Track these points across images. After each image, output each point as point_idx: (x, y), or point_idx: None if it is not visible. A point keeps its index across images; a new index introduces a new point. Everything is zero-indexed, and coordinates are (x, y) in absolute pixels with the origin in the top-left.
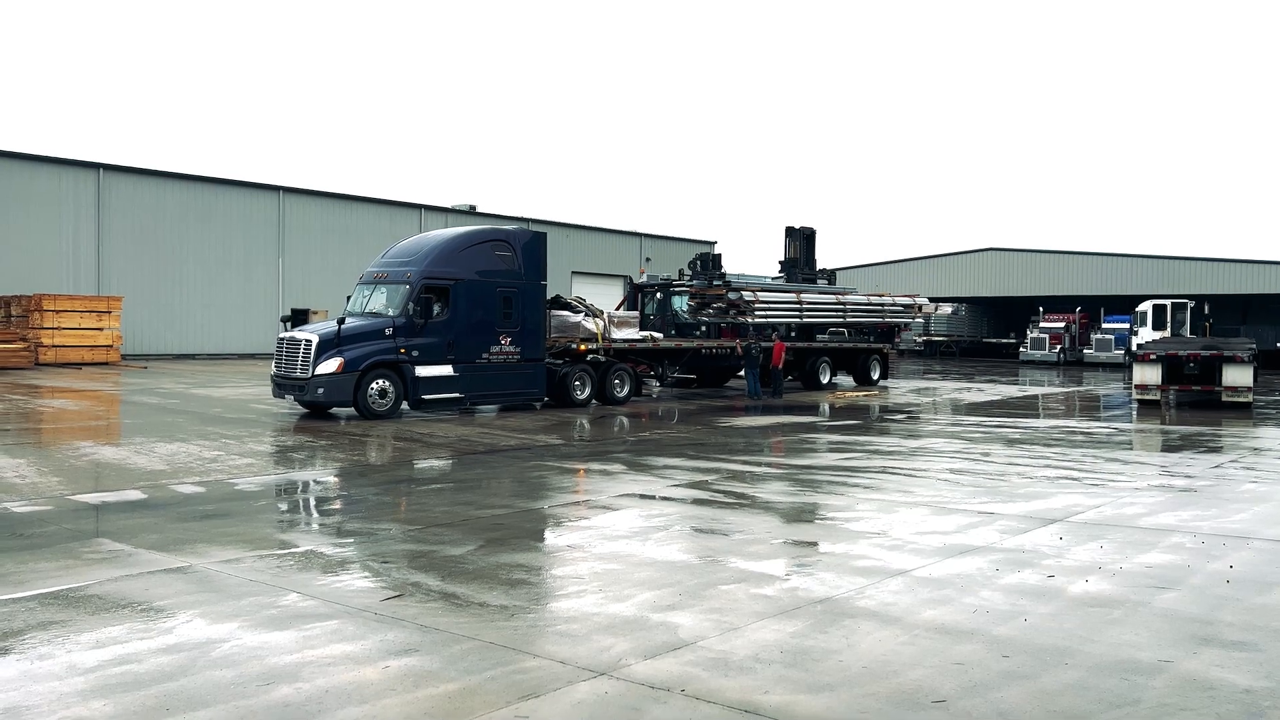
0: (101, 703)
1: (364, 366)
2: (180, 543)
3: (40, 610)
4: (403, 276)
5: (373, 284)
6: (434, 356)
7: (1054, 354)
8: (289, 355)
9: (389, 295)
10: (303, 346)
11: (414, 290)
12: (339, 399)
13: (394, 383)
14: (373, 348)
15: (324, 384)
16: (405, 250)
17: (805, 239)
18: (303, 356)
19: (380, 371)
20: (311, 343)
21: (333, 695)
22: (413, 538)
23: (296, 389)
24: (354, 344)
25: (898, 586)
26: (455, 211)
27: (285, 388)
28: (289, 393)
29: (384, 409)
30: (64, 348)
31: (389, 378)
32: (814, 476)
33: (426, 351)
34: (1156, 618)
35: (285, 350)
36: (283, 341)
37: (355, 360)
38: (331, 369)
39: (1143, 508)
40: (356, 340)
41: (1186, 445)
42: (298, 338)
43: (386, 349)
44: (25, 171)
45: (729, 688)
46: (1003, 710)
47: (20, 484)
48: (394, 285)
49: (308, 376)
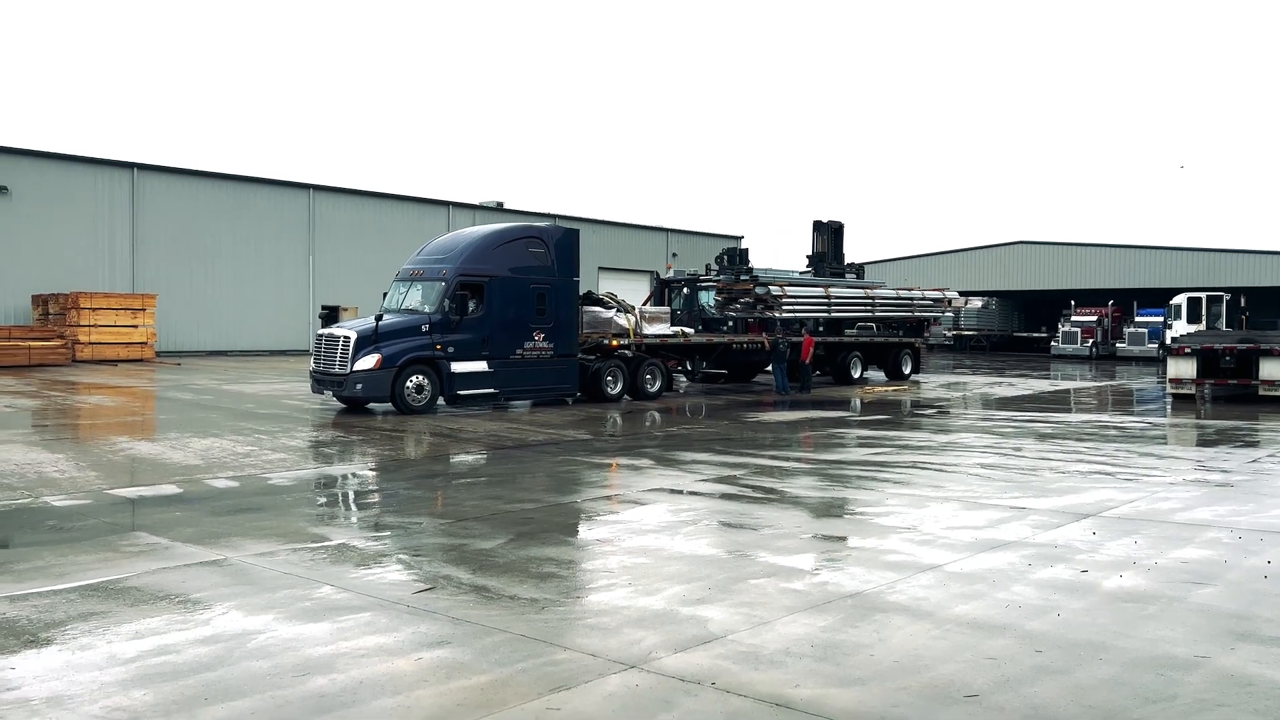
0: (141, 692)
1: (401, 362)
2: (216, 536)
3: (81, 602)
4: (438, 273)
5: (409, 281)
6: (469, 352)
7: (1086, 348)
8: (327, 351)
9: (424, 292)
10: (341, 343)
11: (449, 287)
12: (377, 394)
13: (430, 378)
14: (410, 344)
15: (362, 380)
16: (440, 247)
17: (833, 233)
18: (341, 353)
19: (417, 367)
20: (350, 339)
21: (367, 686)
22: (444, 531)
23: (335, 384)
24: (391, 340)
25: (929, 581)
26: (482, 208)
27: (324, 383)
28: (327, 388)
29: (420, 404)
30: (100, 345)
31: (425, 373)
32: (843, 471)
33: (462, 347)
34: (1192, 613)
35: (324, 347)
36: (321, 338)
37: (392, 356)
38: (369, 365)
39: (1178, 503)
40: (394, 337)
41: (1222, 440)
42: (336, 334)
43: (423, 345)
44: (61, 172)
45: (759, 681)
46: (1036, 705)
47: (59, 478)
48: (430, 282)
49: (346, 372)
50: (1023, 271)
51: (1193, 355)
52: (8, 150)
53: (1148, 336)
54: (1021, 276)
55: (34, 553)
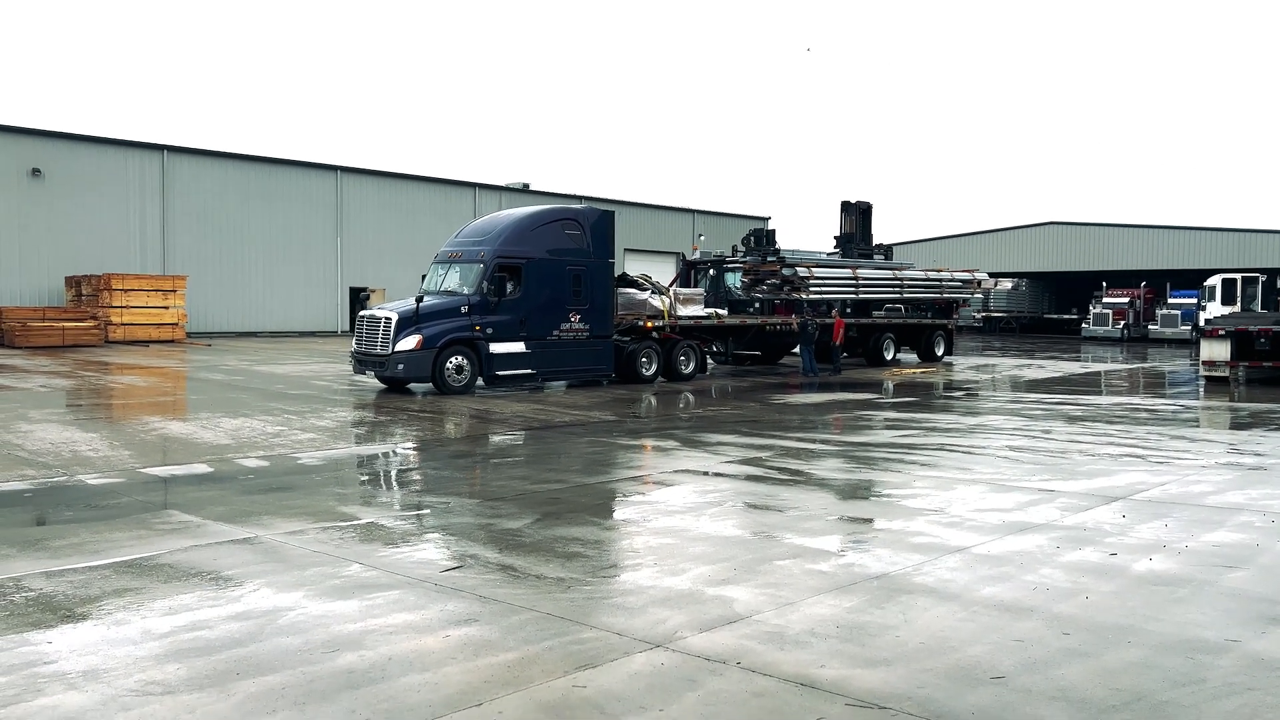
0: (175, 666)
1: (442, 343)
2: (246, 514)
3: (115, 578)
4: (476, 255)
5: (447, 263)
6: (507, 333)
7: (1118, 330)
8: (369, 333)
9: (463, 274)
10: (383, 324)
11: (488, 269)
12: (418, 374)
13: (470, 359)
14: (450, 325)
15: (403, 360)
16: (478, 230)
17: (861, 214)
18: (383, 334)
19: (457, 348)
20: (391, 320)
21: (395, 663)
22: (471, 511)
23: (377, 365)
24: (432, 321)
25: (956, 563)
26: (509, 190)
27: (365, 364)
28: (369, 369)
29: (460, 384)
30: (132, 325)
31: (465, 354)
32: (870, 454)
33: (500, 329)
34: (1223, 596)
35: (365, 328)
36: (363, 319)
37: (433, 337)
38: (411, 346)
39: (1210, 486)
40: (434, 318)
41: (1256, 423)
42: (378, 316)
43: (463, 326)
44: (93, 154)
45: (785, 661)
46: (1063, 687)
47: (94, 457)
48: (468, 264)
49: (388, 353)
50: (1054, 252)
51: (1227, 337)
52: (40, 133)
53: (1181, 318)
54: (1052, 257)
55: (70, 530)
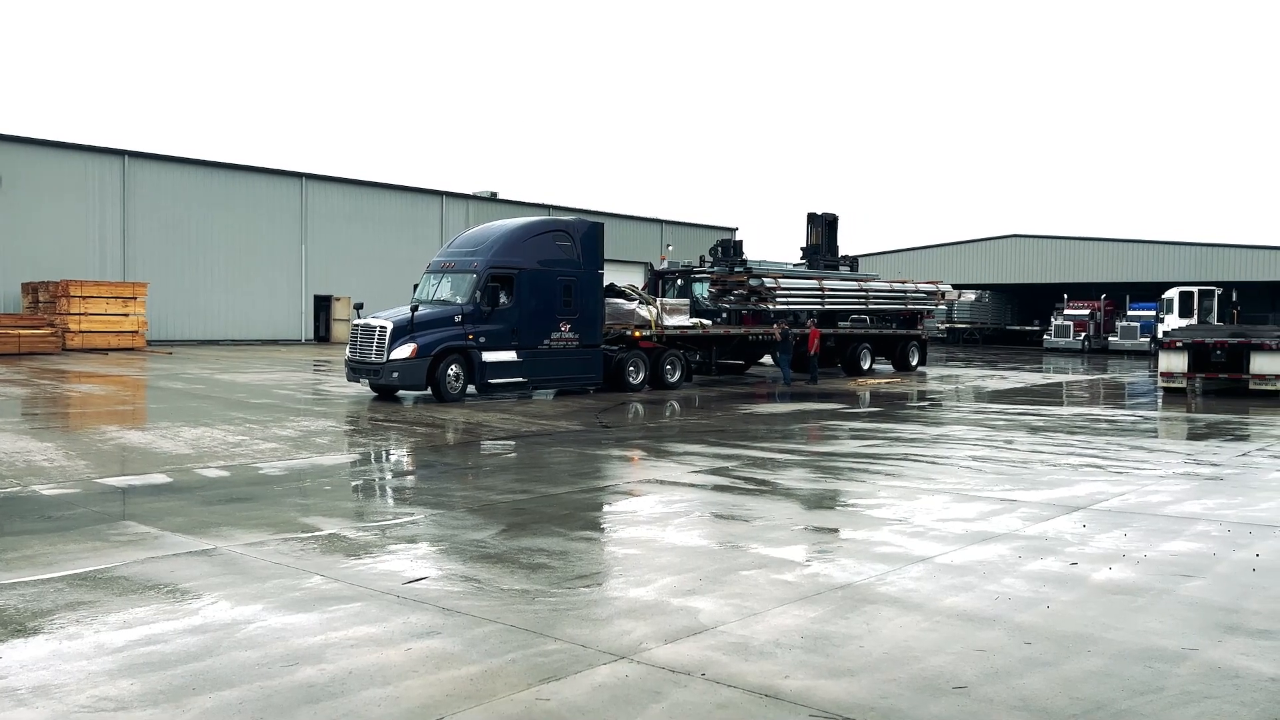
0: (129, 682)
1: (436, 352)
2: (205, 526)
3: (69, 591)
4: (469, 266)
5: (440, 273)
6: (499, 342)
7: (1078, 341)
8: (364, 341)
9: (455, 284)
10: (378, 333)
11: (481, 279)
12: (412, 382)
13: (463, 367)
14: (444, 334)
15: (398, 368)
16: (471, 240)
17: (827, 225)
18: (377, 342)
19: (451, 356)
20: (386, 329)
21: (356, 676)
22: (435, 522)
23: (371, 373)
24: (426, 330)
25: (919, 573)
26: (476, 199)
27: (360, 372)
28: (364, 376)
29: (455, 393)
30: (90, 333)
31: (459, 362)
32: (835, 463)
33: (492, 338)
34: (1181, 606)
35: (360, 336)
36: (358, 328)
37: (428, 346)
38: (405, 354)
39: (1167, 495)
40: (429, 327)
41: (1213, 433)
42: (372, 324)
43: (456, 335)
44: (52, 159)
45: (749, 672)
46: (1025, 697)
47: (49, 467)
48: (461, 274)
49: (382, 361)
50: (1016, 265)
51: (1184, 349)
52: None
53: (1140, 330)
54: (1014, 270)
55: (22, 541)
